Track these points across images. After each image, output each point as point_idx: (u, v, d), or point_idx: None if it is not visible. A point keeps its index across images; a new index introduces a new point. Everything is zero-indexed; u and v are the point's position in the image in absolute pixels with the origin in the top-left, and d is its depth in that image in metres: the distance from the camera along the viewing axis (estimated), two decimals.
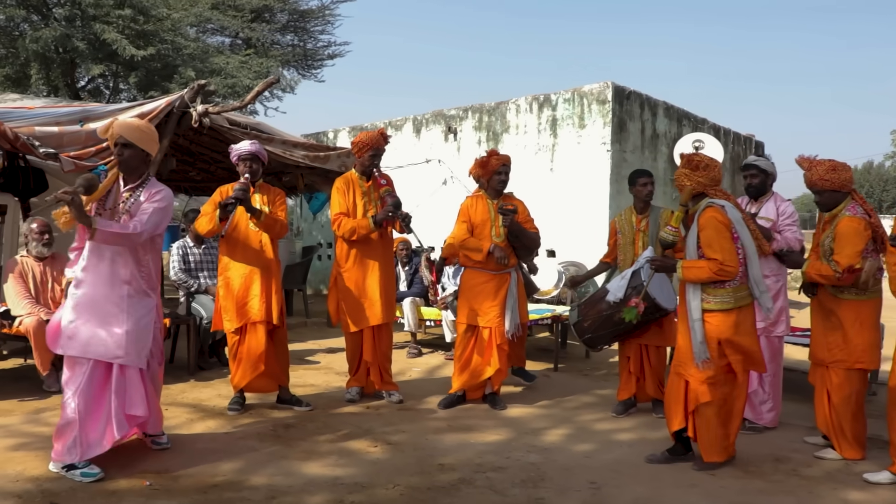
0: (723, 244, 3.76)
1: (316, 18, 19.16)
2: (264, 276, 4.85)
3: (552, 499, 3.45)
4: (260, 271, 4.83)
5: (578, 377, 6.50)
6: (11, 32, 9.76)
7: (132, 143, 3.62)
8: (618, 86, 8.82)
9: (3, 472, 3.58)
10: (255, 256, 4.84)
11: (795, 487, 3.70)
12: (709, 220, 3.82)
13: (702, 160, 3.94)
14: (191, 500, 3.30)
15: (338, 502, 3.33)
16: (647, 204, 5.28)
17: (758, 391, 4.78)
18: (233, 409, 4.87)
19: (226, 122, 7.17)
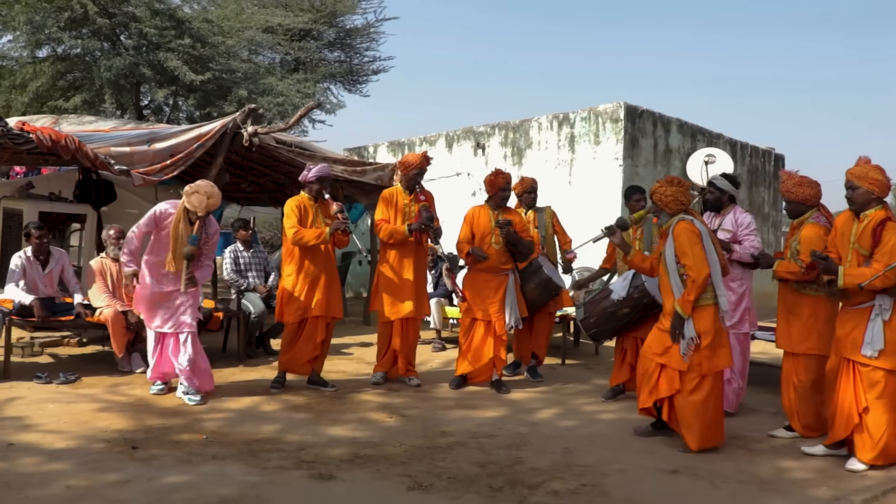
0: (694, 247, 4.40)
1: (361, 36, 20.10)
2: (329, 276, 5.75)
3: (528, 458, 4.23)
4: (325, 273, 5.72)
5: (582, 370, 7.25)
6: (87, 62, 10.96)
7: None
8: (629, 105, 9.54)
9: (94, 425, 4.54)
10: (323, 260, 5.73)
11: (739, 457, 4.40)
12: (682, 230, 4.50)
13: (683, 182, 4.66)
14: (238, 449, 4.19)
15: (354, 454, 4.17)
16: None
17: (731, 380, 5.48)
18: (275, 387, 5.77)
19: (273, 141, 8.14)
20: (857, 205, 4.26)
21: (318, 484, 3.66)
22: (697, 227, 4.49)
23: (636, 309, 5.48)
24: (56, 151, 6.73)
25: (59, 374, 5.81)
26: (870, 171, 4.23)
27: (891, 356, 4.08)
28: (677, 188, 4.57)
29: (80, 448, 4.11)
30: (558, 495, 3.60)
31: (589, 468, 4.06)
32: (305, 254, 5.68)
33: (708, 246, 4.47)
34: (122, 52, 10.51)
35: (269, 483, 3.63)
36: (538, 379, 6.52)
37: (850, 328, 4.23)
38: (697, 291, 4.36)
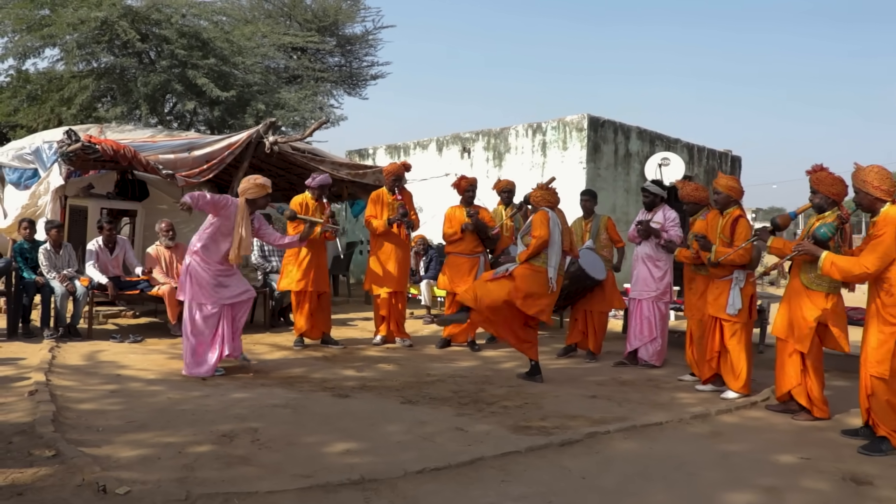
0: (541, 229, 6.02)
1: (360, 42, 21.62)
2: (318, 259, 7.38)
3: (489, 389, 5.83)
4: (316, 257, 7.36)
5: (545, 338, 8.86)
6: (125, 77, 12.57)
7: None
8: (592, 116, 11.15)
9: (170, 367, 6.16)
10: (315, 247, 7.36)
11: (647, 390, 6.02)
12: (539, 216, 6.10)
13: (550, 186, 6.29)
14: (278, 381, 5.81)
15: (362, 384, 5.78)
16: (589, 213, 7.63)
17: (656, 340, 7.09)
18: (297, 345, 7.39)
19: (289, 148, 9.72)
20: (721, 205, 5.89)
21: (339, 399, 5.27)
22: (550, 216, 6.09)
23: (574, 280, 7.09)
24: (116, 159, 8.33)
25: (129, 335, 7.42)
26: (728, 181, 5.90)
27: (744, 313, 5.70)
28: (545, 192, 6.21)
29: (166, 379, 5.73)
30: (507, 408, 5.21)
31: (533, 394, 5.68)
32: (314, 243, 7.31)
33: (553, 229, 6.05)
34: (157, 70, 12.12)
35: (305, 398, 5.24)
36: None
37: (717, 294, 5.83)
38: (532, 251, 6.01)
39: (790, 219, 5.34)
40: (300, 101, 13.70)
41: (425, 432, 4.45)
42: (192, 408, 4.84)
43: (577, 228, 7.61)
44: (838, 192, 5.03)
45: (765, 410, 5.38)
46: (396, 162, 7.98)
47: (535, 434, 4.47)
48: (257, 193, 5.99)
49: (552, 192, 6.25)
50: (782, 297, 5.38)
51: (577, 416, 4.99)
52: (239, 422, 4.51)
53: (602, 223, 7.61)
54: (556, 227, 6.09)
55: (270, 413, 4.77)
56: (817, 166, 5.16)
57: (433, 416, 4.86)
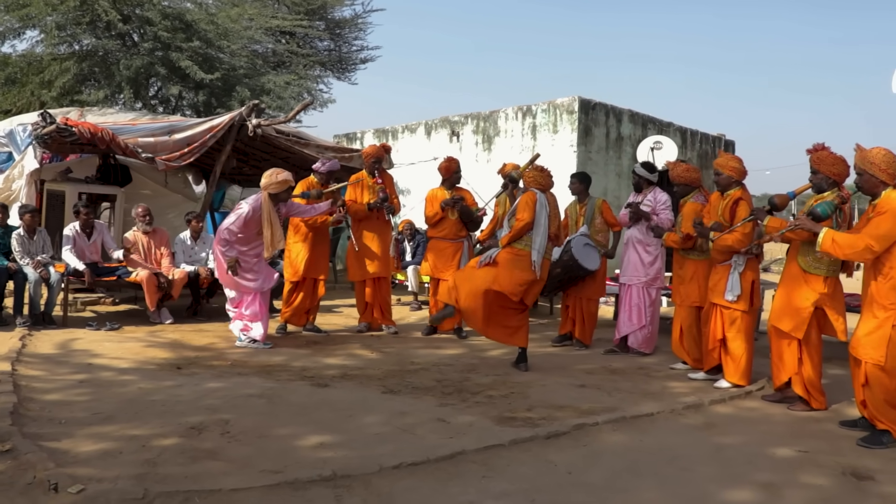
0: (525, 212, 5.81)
1: (350, 26, 21.27)
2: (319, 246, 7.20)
3: (475, 378, 5.64)
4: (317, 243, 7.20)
5: (535, 325, 8.66)
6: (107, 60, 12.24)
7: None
8: (583, 99, 10.93)
9: (145, 355, 5.94)
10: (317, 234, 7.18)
11: (638, 379, 5.82)
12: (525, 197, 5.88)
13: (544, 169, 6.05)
14: (256, 370, 5.59)
15: (343, 373, 5.58)
16: (583, 196, 7.38)
17: (645, 327, 6.90)
18: (280, 332, 7.19)
19: (273, 131, 9.47)
20: (722, 186, 5.64)
21: (318, 389, 5.07)
22: (538, 198, 5.86)
23: (566, 269, 6.88)
24: (93, 142, 8.07)
25: (105, 322, 7.19)
26: (730, 160, 5.61)
27: (744, 300, 5.49)
28: (538, 173, 5.98)
29: (140, 368, 5.51)
30: (492, 398, 5.01)
31: (519, 383, 5.48)
32: (302, 228, 7.09)
33: (539, 212, 5.83)
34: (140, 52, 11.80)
35: (283, 388, 5.03)
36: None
37: (716, 280, 5.62)
38: (513, 235, 5.81)
39: (788, 199, 5.14)
40: (286, 85, 13.39)
41: (405, 423, 4.24)
42: (162, 398, 4.63)
43: (571, 213, 7.39)
44: (839, 172, 4.84)
45: (760, 401, 5.20)
46: (374, 145, 7.74)
47: (521, 426, 4.27)
48: (280, 188, 6.21)
49: (545, 174, 6.03)
50: (779, 283, 5.19)
51: (564, 407, 4.80)
52: (210, 413, 4.30)
53: (597, 206, 7.36)
54: (544, 209, 5.86)
55: (244, 404, 4.56)
56: (818, 145, 4.96)
57: (414, 407, 4.66)
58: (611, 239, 7.43)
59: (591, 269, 6.95)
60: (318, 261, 7.23)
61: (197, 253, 8.20)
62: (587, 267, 6.91)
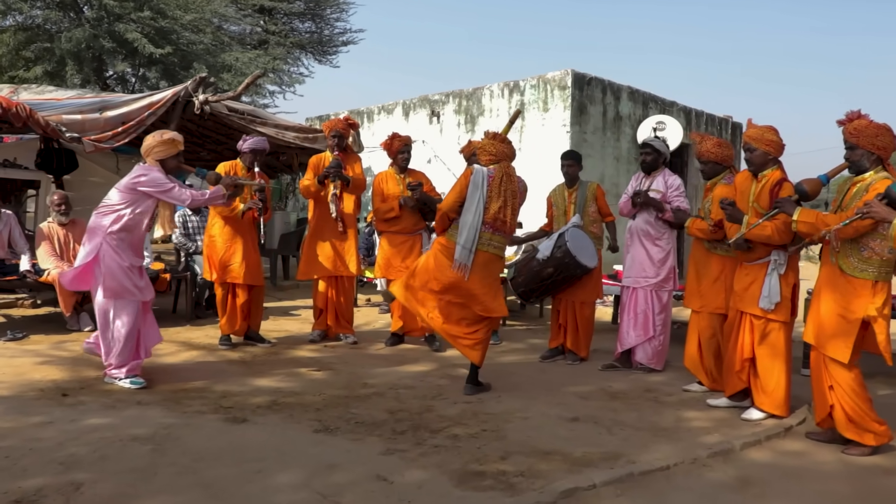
0: (451, 194, 4.75)
1: (331, 7, 20.09)
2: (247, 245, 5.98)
3: (439, 407, 4.47)
4: (244, 241, 5.97)
5: (521, 331, 7.51)
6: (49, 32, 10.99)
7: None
8: (577, 73, 9.75)
9: (31, 377, 4.76)
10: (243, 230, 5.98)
11: (645, 408, 4.65)
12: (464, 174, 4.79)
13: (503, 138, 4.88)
14: (163, 396, 4.42)
15: (272, 402, 4.41)
16: (573, 180, 6.21)
17: (654, 339, 5.73)
18: (223, 344, 5.99)
19: (225, 109, 8.26)
20: (756, 165, 4.44)
21: (230, 426, 3.90)
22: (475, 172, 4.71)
23: (560, 269, 5.71)
24: (7, 119, 6.85)
25: (6, 331, 6.01)
26: (765, 132, 4.41)
27: (785, 309, 4.33)
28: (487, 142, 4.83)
29: (14, 395, 4.33)
30: (456, 439, 3.84)
31: (494, 416, 4.31)
32: (227, 220, 5.92)
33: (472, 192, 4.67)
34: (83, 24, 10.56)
35: (185, 425, 3.86)
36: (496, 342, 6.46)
37: (748, 283, 4.44)
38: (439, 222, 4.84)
39: (821, 184, 4.00)
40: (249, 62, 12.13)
41: (329, 485, 3.09)
42: (12, 444, 3.46)
43: (558, 200, 6.22)
44: (886, 144, 3.76)
45: (805, 440, 4.05)
46: (337, 118, 6.54)
47: (489, 488, 3.12)
48: (166, 152, 4.74)
49: (497, 141, 4.83)
50: (813, 291, 4.06)
51: (550, 454, 3.64)
52: (62, 471, 3.14)
53: (590, 192, 6.15)
54: (478, 189, 4.66)
55: (119, 453, 3.39)
56: (853, 114, 3.86)
57: (350, 456, 3.50)
58: (605, 230, 6.27)
59: (589, 266, 5.79)
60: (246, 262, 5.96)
61: None
62: (585, 264, 5.75)
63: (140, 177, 4.65)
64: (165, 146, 4.70)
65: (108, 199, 4.72)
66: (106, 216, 4.65)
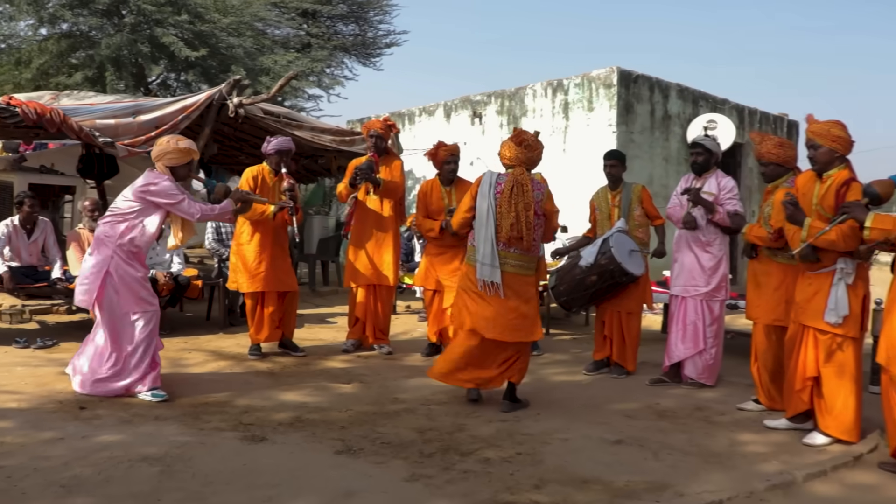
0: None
1: (374, 9, 20.02)
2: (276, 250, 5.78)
3: (472, 425, 4.18)
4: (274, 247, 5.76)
5: (566, 341, 7.16)
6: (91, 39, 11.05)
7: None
8: (623, 70, 9.35)
9: (53, 388, 4.63)
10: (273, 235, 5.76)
11: (695, 429, 4.27)
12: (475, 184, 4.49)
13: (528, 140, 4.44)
14: (183, 411, 4.23)
15: (296, 418, 4.18)
16: (617, 182, 5.86)
17: (705, 352, 5.34)
18: (253, 354, 5.78)
19: (260, 112, 8.12)
20: (820, 164, 4.02)
21: (247, 446, 3.67)
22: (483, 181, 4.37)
23: (604, 276, 5.37)
24: (42, 125, 6.81)
25: (37, 339, 5.93)
26: (831, 127, 3.99)
27: (853, 323, 3.92)
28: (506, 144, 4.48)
29: (30, 408, 4.19)
30: (488, 463, 3.55)
31: (531, 437, 4.00)
32: (256, 227, 5.71)
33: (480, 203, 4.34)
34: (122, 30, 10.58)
35: (199, 443, 3.65)
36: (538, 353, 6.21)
37: (811, 294, 4.04)
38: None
39: (894, 185, 3.60)
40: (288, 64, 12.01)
41: None
42: (19, 462, 3.29)
43: (602, 203, 5.86)
44: None
45: (877, 471, 3.63)
46: (376, 119, 6.31)
47: None
48: (179, 160, 4.51)
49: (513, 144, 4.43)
50: (885, 307, 3.65)
51: (589, 481, 3.32)
52: (62, 494, 2.94)
53: (635, 194, 5.78)
54: (485, 199, 4.32)
55: (125, 475, 3.19)
56: None
57: (371, 482, 3.23)
58: (652, 235, 5.89)
59: (635, 273, 5.43)
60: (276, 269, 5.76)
61: (159, 255, 6.89)
62: (631, 271, 5.39)
63: (150, 185, 4.45)
64: (179, 154, 4.48)
65: (117, 206, 4.53)
66: (115, 225, 4.47)
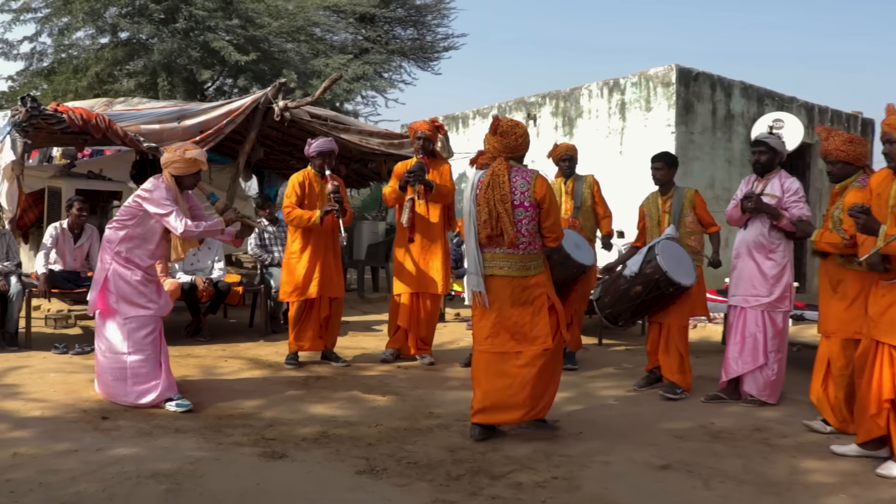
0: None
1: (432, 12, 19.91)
2: (328, 256, 5.62)
3: (508, 445, 3.89)
4: (325, 252, 5.60)
5: (620, 353, 6.79)
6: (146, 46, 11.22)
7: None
8: (682, 68, 8.92)
9: (80, 395, 4.55)
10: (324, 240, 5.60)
11: (753, 453, 3.88)
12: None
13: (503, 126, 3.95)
14: (206, 423, 4.07)
15: (321, 434, 3.97)
16: (667, 186, 5.47)
17: (767, 367, 4.92)
18: (289, 363, 5.61)
19: (307, 116, 8.02)
20: None
21: (265, 463, 3.47)
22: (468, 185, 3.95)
23: (650, 287, 5.00)
24: (87, 130, 6.84)
25: (76, 345, 5.92)
26: None
27: None
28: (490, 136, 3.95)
29: (52, 417, 4.11)
30: (519, 488, 3.27)
31: (570, 459, 3.69)
32: (307, 233, 5.57)
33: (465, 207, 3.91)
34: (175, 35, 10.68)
35: (214, 459, 3.48)
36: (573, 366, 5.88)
37: (884, 306, 3.62)
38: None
39: None
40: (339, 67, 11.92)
41: None
42: (26, 476, 3.18)
43: (651, 209, 5.48)
44: None
45: None
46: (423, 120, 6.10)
47: None
48: (185, 169, 4.40)
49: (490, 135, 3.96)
50: None
51: None
52: None
53: (687, 199, 5.40)
54: (468, 200, 3.93)
55: (130, 493, 3.03)
56: None
57: None
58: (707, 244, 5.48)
59: (684, 284, 5.03)
60: (322, 276, 5.58)
61: (201, 260, 6.83)
62: (679, 281, 5.00)
63: (146, 191, 4.39)
64: (186, 164, 4.37)
65: (121, 211, 4.54)
66: (116, 231, 4.46)
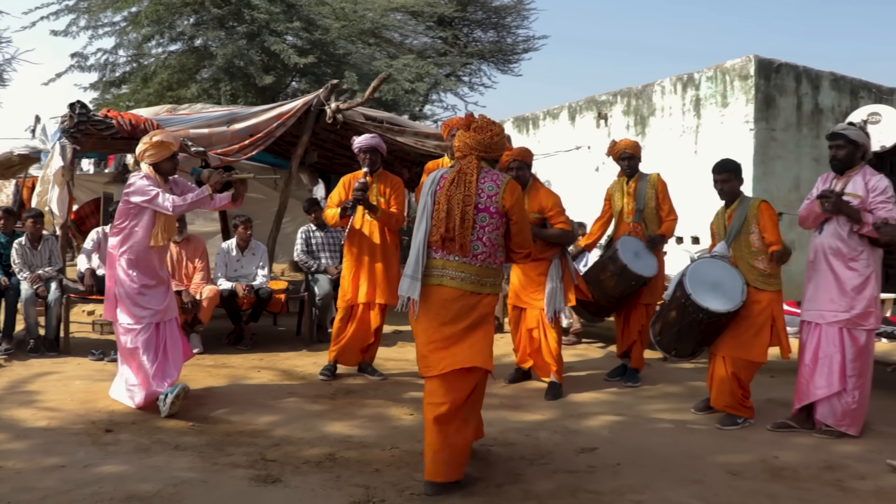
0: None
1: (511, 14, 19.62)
2: (377, 261, 5.31)
3: (532, 476, 3.46)
4: (373, 257, 5.31)
5: (686, 371, 6.17)
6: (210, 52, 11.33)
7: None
8: (762, 59, 8.15)
9: (95, 406, 4.41)
10: (372, 244, 5.32)
11: (820, 497, 3.31)
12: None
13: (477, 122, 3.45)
14: (212, 440, 3.83)
15: (328, 456, 3.64)
16: (731, 197, 4.80)
17: (846, 394, 4.27)
18: (324, 375, 5.34)
19: (361, 117, 7.77)
20: None
21: (252, 487, 3.18)
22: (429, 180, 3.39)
23: (683, 313, 4.41)
24: (136, 135, 6.81)
25: (111, 351, 5.83)
26: None
27: None
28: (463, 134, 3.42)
29: (56, 428, 3.97)
30: None
31: (598, 496, 3.23)
32: (355, 237, 5.31)
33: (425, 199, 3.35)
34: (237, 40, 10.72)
35: (201, 482, 3.21)
36: (634, 384, 5.46)
37: None
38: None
39: None
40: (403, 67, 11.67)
41: None
42: None
43: (719, 225, 4.77)
44: None
45: None
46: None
47: None
48: (158, 155, 4.38)
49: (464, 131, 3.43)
50: None
51: None
52: None
53: (752, 212, 4.62)
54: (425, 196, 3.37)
55: None
56: None
57: None
58: None
59: (716, 310, 4.32)
60: (371, 282, 5.28)
61: (244, 267, 6.67)
62: (707, 307, 4.30)
63: (128, 187, 4.37)
64: (156, 149, 4.35)
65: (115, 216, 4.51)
66: (114, 237, 4.43)
